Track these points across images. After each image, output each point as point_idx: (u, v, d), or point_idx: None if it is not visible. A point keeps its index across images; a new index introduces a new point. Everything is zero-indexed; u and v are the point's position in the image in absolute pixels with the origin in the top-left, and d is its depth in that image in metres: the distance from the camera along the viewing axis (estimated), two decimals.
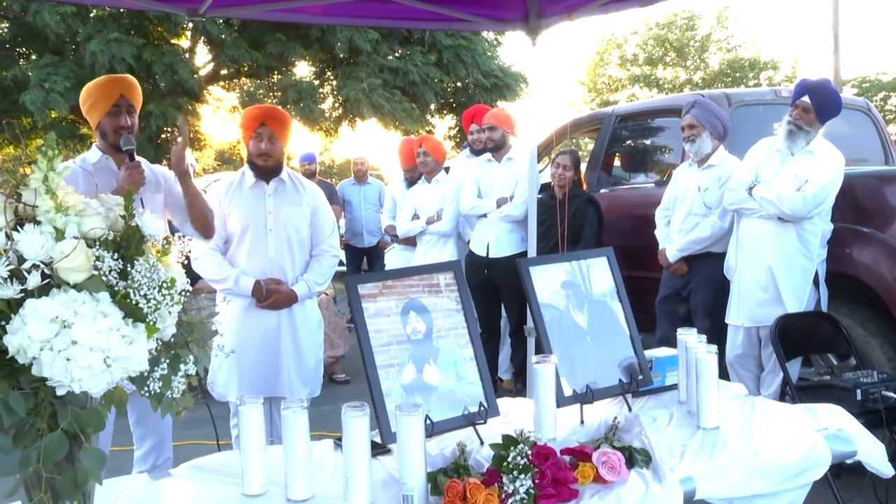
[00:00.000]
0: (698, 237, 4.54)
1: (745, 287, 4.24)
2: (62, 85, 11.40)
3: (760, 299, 4.18)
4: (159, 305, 1.46)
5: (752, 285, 4.22)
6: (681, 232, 4.63)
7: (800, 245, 4.08)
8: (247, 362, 3.44)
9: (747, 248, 4.25)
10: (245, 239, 3.47)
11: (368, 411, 1.82)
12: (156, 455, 3.30)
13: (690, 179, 4.64)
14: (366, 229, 8.41)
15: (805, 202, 3.97)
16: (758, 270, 4.18)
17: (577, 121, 6.78)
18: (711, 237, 4.50)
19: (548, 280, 2.52)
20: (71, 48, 12.64)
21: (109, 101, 3.12)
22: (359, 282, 2.22)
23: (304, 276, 3.54)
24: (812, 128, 4.12)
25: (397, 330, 2.22)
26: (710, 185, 4.52)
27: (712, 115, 4.55)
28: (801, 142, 4.12)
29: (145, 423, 3.26)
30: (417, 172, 6.05)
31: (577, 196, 5.30)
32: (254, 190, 3.51)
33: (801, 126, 4.12)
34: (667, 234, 4.81)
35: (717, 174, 4.51)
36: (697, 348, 2.38)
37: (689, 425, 2.33)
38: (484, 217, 5.39)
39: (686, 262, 4.63)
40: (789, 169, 4.11)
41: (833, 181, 4.02)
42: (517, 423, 2.13)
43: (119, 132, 3.11)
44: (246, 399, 1.92)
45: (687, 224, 4.60)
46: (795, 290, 4.09)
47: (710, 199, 4.51)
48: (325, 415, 4.96)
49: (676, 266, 4.65)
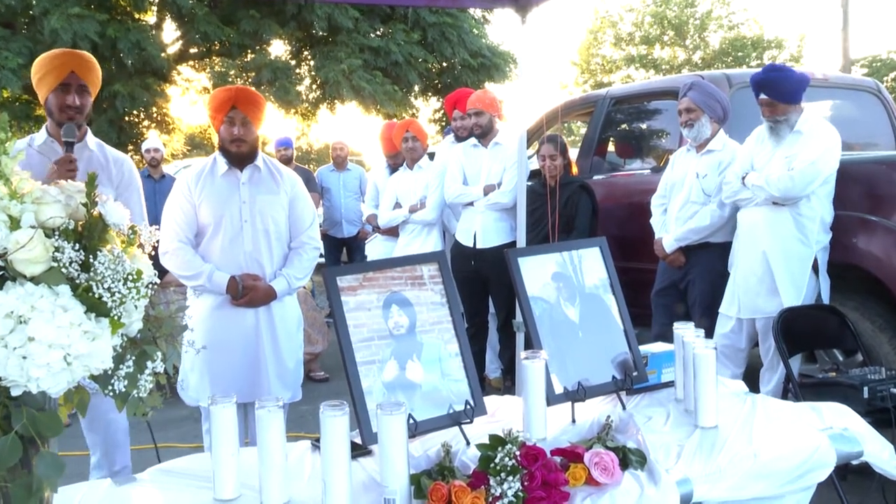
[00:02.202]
0: (697, 226, 4.55)
1: (742, 277, 4.27)
2: (14, 62, 11.14)
3: (757, 290, 4.20)
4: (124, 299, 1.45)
5: (748, 275, 4.24)
6: (678, 220, 4.64)
7: (796, 230, 4.10)
8: (222, 364, 3.40)
9: (744, 237, 4.29)
10: (218, 232, 3.43)
11: (348, 411, 1.82)
12: (111, 462, 3.26)
13: (688, 165, 4.65)
14: (345, 218, 8.40)
15: (793, 180, 4.01)
16: (753, 259, 4.21)
17: (569, 104, 6.78)
18: (711, 226, 4.52)
19: (537, 272, 2.52)
20: (23, 21, 12.44)
21: (58, 77, 3.03)
22: (338, 274, 2.22)
23: (282, 270, 3.51)
24: (787, 114, 4.16)
25: (379, 324, 2.21)
26: (710, 171, 4.53)
27: (711, 98, 4.57)
28: (783, 131, 4.18)
29: (96, 429, 3.21)
30: (400, 158, 6.03)
31: (570, 183, 5.31)
32: (227, 178, 3.47)
33: (776, 119, 4.17)
34: (663, 222, 4.81)
35: (716, 160, 4.53)
36: (695, 343, 2.39)
37: (686, 424, 2.34)
38: (470, 206, 5.39)
39: (684, 253, 4.64)
40: (781, 152, 4.17)
41: (824, 157, 4.04)
42: (505, 423, 2.13)
43: (65, 112, 3.02)
44: (218, 398, 1.91)
45: (685, 212, 4.62)
46: (792, 278, 4.11)
47: (709, 187, 4.52)
48: (302, 415, 4.96)
49: (673, 257, 4.66)
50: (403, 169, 5.87)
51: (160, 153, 7.62)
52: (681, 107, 4.64)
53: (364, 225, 8.23)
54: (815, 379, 4.03)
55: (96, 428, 3.21)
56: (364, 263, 2.49)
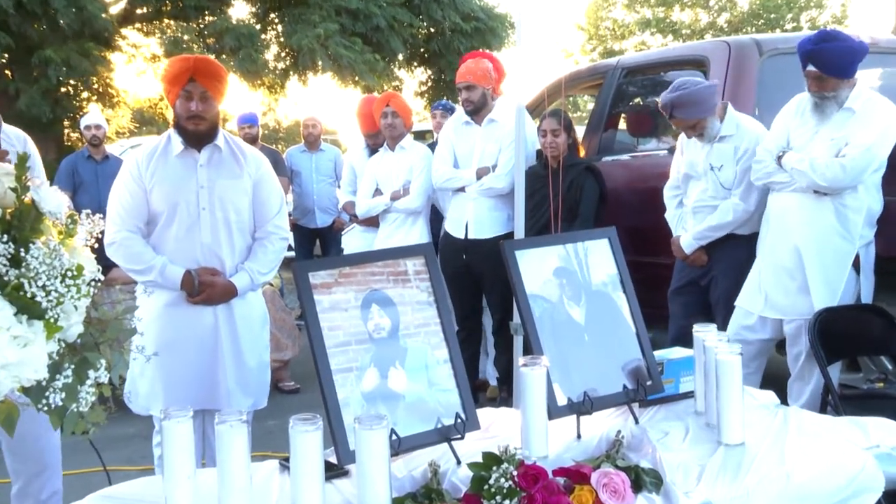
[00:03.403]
0: (718, 223, 4.52)
1: (769, 270, 4.23)
2: None
3: (786, 287, 4.17)
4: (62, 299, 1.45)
5: (776, 269, 4.19)
6: (695, 215, 4.61)
7: (837, 223, 4.05)
8: (175, 369, 3.41)
9: (775, 225, 4.23)
10: (172, 220, 3.43)
11: (321, 425, 1.82)
12: (38, 489, 3.23)
13: (699, 155, 4.59)
14: (318, 206, 8.39)
15: (844, 170, 3.94)
16: (784, 252, 4.16)
17: (575, 74, 6.78)
18: (734, 222, 4.49)
19: (538, 266, 2.53)
20: None
21: None
22: (310, 269, 2.22)
23: (245, 263, 3.53)
24: (837, 90, 4.07)
25: (356, 327, 2.22)
26: (725, 161, 4.47)
27: (701, 98, 4.43)
28: (830, 108, 4.09)
29: (22, 451, 3.17)
30: (381, 138, 6.01)
31: (575, 164, 5.30)
32: (182, 159, 3.47)
33: (823, 95, 4.09)
34: (679, 216, 4.79)
35: (730, 148, 4.48)
36: (718, 348, 2.40)
37: (708, 441, 2.35)
38: (461, 191, 5.39)
39: (705, 249, 4.63)
40: (826, 132, 4.08)
41: (880, 141, 3.97)
42: (501, 439, 2.14)
43: None
44: (172, 411, 1.91)
45: (702, 206, 4.59)
46: (827, 278, 4.07)
47: (727, 178, 4.47)
48: (269, 430, 4.95)
49: (694, 257, 4.64)
50: (384, 150, 5.85)
51: (102, 130, 7.57)
52: (675, 124, 4.61)
53: (340, 213, 8.21)
54: (860, 390, 4.01)
55: (22, 450, 3.17)
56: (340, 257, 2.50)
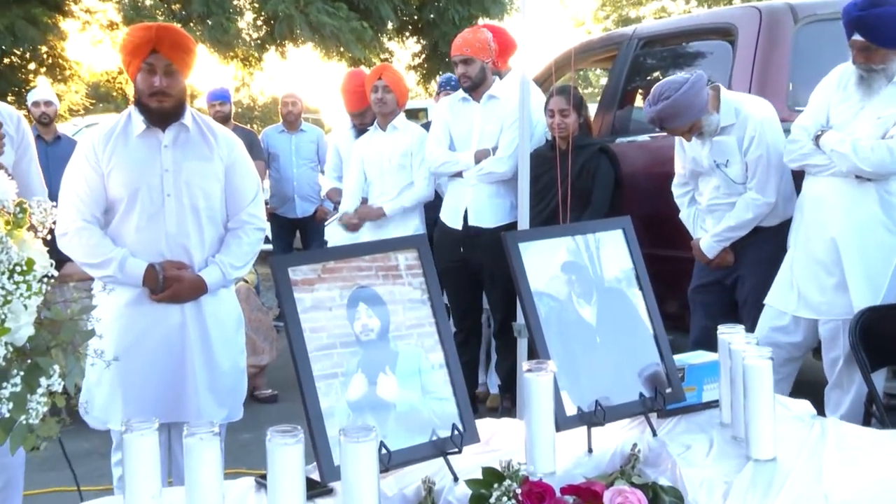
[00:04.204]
0: (738, 222, 4.52)
1: (803, 264, 4.23)
2: None
3: (822, 283, 4.17)
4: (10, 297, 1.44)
5: (811, 263, 4.19)
6: (713, 213, 4.62)
7: (881, 213, 4.06)
8: (138, 376, 3.40)
9: (809, 214, 4.23)
10: (133, 208, 3.42)
11: (302, 438, 1.82)
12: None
13: (700, 152, 4.58)
14: (298, 193, 8.39)
15: (892, 153, 3.93)
16: (820, 244, 4.17)
17: (586, 45, 6.77)
18: (755, 218, 4.49)
19: (544, 260, 2.52)
20: None
21: None
22: (290, 264, 2.21)
23: (216, 256, 3.52)
24: (887, 62, 4.05)
25: (342, 328, 2.21)
26: (730, 156, 4.47)
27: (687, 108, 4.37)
28: (878, 82, 4.08)
29: None
30: (369, 117, 6.00)
31: (586, 146, 5.29)
32: (145, 140, 3.46)
33: (870, 68, 4.08)
34: (695, 215, 4.81)
35: (732, 140, 4.46)
36: (746, 352, 2.39)
37: (734, 456, 2.35)
38: (458, 177, 5.39)
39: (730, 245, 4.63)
40: (872, 109, 4.08)
41: None
42: (503, 453, 2.14)
43: None
44: (134, 423, 1.90)
45: (717, 204, 4.60)
46: (869, 273, 4.07)
47: (736, 174, 4.45)
48: (244, 444, 4.96)
49: (719, 259, 4.63)
50: (373, 129, 5.84)
51: (53, 107, 7.55)
52: (670, 133, 4.60)
53: (323, 201, 8.20)
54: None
55: None
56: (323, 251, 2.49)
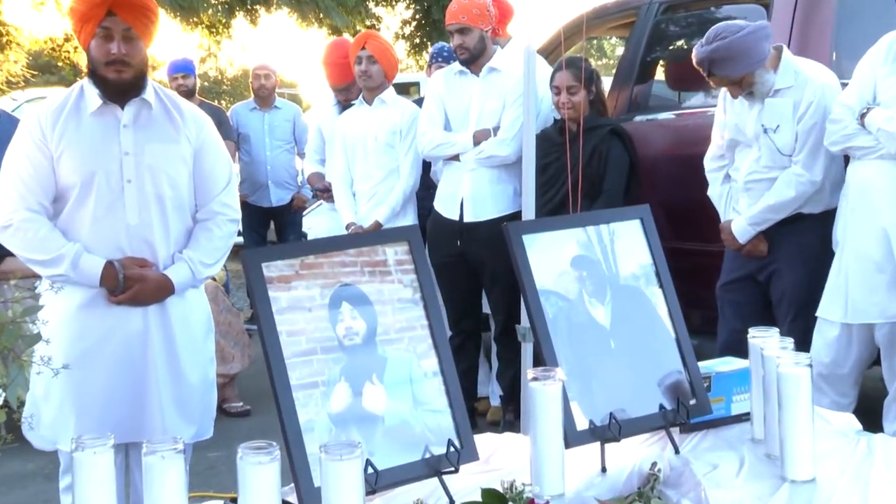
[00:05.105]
0: (777, 201, 4.51)
1: (852, 262, 4.24)
2: None
3: (874, 282, 4.19)
4: None
5: (860, 259, 4.21)
6: (748, 192, 4.61)
7: None
8: (92, 389, 3.37)
9: (856, 204, 4.24)
10: (88, 196, 3.39)
11: (278, 456, 1.82)
12: None
13: (748, 115, 4.55)
14: (273, 179, 8.37)
15: None
16: (868, 236, 4.17)
17: (600, 11, 6.75)
18: (798, 198, 4.48)
19: (551, 255, 2.52)
20: None
21: None
22: (263, 259, 2.21)
23: (184, 252, 3.50)
24: None
25: (323, 331, 2.21)
26: (782, 120, 4.45)
27: (743, 54, 4.38)
28: None
29: None
30: (355, 92, 6.00)
31: (598, 127, 5.30)
32: (101, 118, 3.43)
33: None
34: (728, 194, 4.81)
35: (788, 103, 4.45)
36: (781, 358, 2.39)
37: (768, 476, 2.35)
38: (455, 160, 5.38)
39: (764, 233, 4.63)
40: None
41: None
42: (505, 472, 2.14)
43: None
44: (86, 440, 1.89)
45: (756, 180, 4.59)
46: None
47: (785, 143, 4.45)
48: (211, 464, 4.95)
49: (751, 246, 4.63)
50: (359, 103, 5.82)
51: None
52: (715, 83, 4.59)
53: (300, 188, 8.19)
54: None
55: None
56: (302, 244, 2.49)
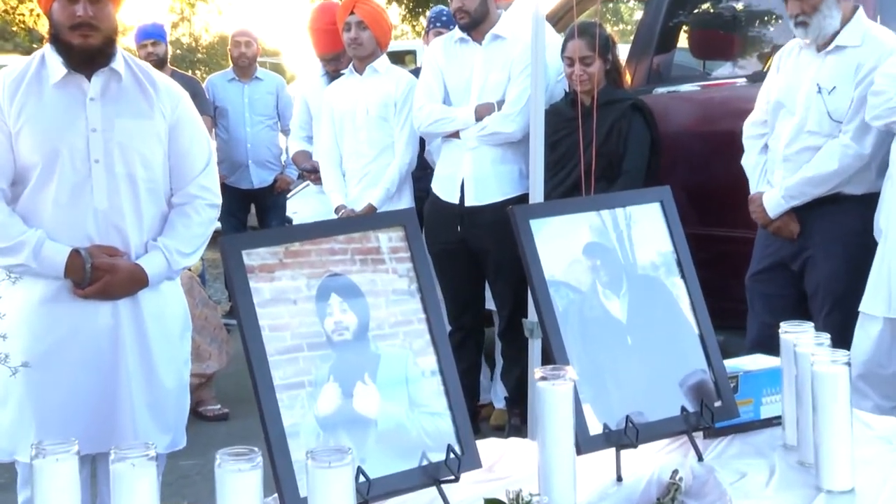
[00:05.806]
0: (818, 172, 4.52)
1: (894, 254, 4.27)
2: None
3: None
4: None
5: None
6: (787, 163, 4.63)
7: None
8: (56, 393, 3.38)
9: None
10: (51, 177, 3.40)
11: (261, 463, 1.83)
12: None
13: (804, 72, 4.59)
14: (253, 158, 8.37)
15: None
16: None
17: None
18: (841, 171, 4.49)
19: (562, 242, 2.52)
20: None
21: None
22: (244, 246, 2.21)
23: (158, 240, 3.50)
24: None
25: (310, 326, 2.21)
26: (840, 81, 4.47)
27: None
28: None
29: None
30: (346, 61, 6.00)
31: (615, 101, 5.30)
32: (65, 90, 3.44)
33: None
34: (762, 164, 4.81)
35: (851, 63, 4.47)
36: (817, 355, 2.38)
37: (802, 486, 2.35)
38: (455, 138, 5.38)
39: (798, 216, 4.64)
40: None
41: None
42: (510, 481, 2.15)
43: None
44: (47, 447, 1.89)
45: (797, 150, 4.60)
46: None
47: (837, 107, 4.47)
48: (185, 473, 4.96)
49: (781, 223, 4.64)
50: (349, 72, 5.81)
51: None
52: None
53: (284, 168, 8.20)
54: None
55: None
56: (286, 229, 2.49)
